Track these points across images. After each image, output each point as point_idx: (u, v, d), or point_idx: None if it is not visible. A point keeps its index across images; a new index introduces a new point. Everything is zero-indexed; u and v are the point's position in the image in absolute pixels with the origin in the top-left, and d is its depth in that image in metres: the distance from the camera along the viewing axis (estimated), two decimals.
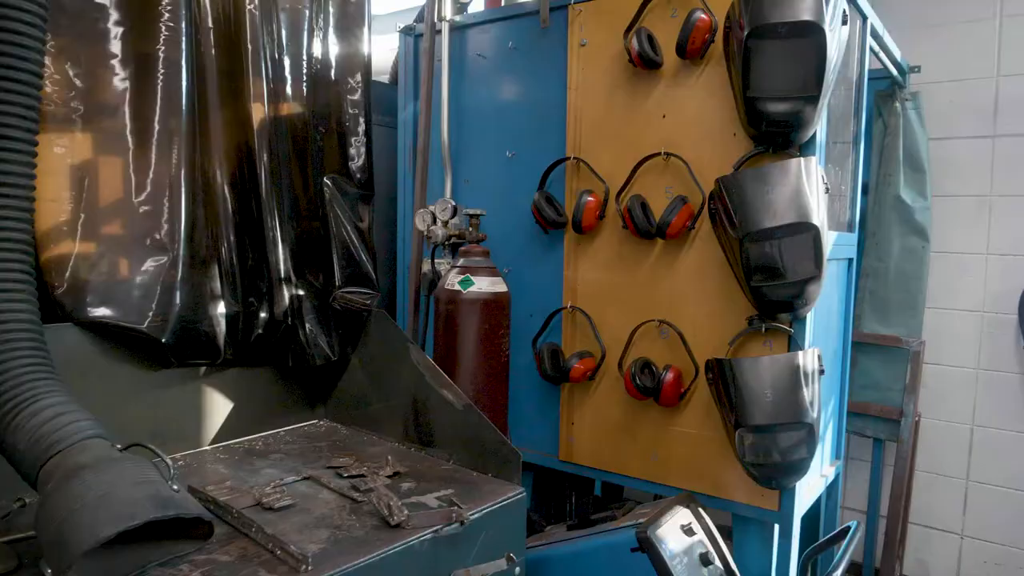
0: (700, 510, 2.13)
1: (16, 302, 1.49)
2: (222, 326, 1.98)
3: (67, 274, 1.75)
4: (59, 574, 1.20)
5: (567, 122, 2.46)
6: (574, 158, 2.43)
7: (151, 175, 1.86)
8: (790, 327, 2.07)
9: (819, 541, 2.24)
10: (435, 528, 1.55)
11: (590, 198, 2.34)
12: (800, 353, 1.97)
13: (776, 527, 2.20)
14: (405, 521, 1.55)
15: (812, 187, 1.92)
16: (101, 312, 1.76)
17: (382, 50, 3.46)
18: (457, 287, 2.29)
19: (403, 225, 2.99)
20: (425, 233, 2.50)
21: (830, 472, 2.67)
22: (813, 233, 1.90)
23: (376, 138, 2.40)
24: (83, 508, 1.21)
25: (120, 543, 1.30)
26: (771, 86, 1.92)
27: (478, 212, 2.39)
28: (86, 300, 1.76)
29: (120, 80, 1.84)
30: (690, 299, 2.24)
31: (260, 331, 2.06)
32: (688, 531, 2.03)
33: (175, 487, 1.36)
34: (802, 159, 1.93)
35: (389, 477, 1.82)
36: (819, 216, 1.92)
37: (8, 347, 1.43)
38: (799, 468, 2.03)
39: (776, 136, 2.00)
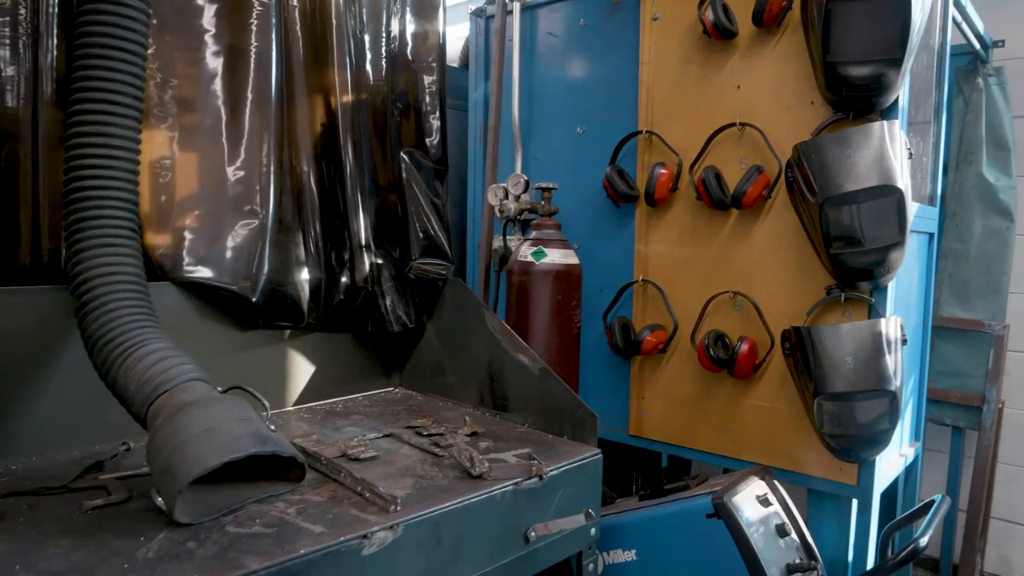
0: (775, 482, 2.11)
1: (124, 256, 1.58)
2: (305, 291, 2.05)
3: (167, 237, 1.84)
4: (169, 501, 1.27)
5: (639, 96, 2.47)
6: (646, 132, 2.43)
7: (244, 145, 1.95)
8: (870, 296, 2.03)
9: (900, 516, 2.18)
10: (515, 481, 1.58)
11: (663, 170, 2.34)
12: (882, 320, 1.93)
13: (854, 502, 2.15)
14: (486, 473, 1.59)
15: (895, 151, 1.88)
16: (197, 273, 1.86)
17: (451, 38, 3.53)
18: (530, 258, 2.32)
19: (473, 204, 3.04)
20: (497, 207, 2.54)
21: (909, 452, 2.60)
22: (897, 197, 1.86)
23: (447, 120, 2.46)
24: (191, 440, 1.28)
25: (219, 481, 1.37)
26: (852, 50, 1.89)
27: (550, 185, 2.41)
28: (183, 261, 1.85)
29: (214, 57, 1.93)
30: (765, 270, 2.21)
31: (341, 297, 2.13)
32: (764, 502, 2.01)
33: (272, 428, 1.42)
34: (885, 122, 1.90)
35: (467, 436, 1.86)
36: (903, 180, 1.88)
37: (117, 297, 1.52)
38: (880, 439, 1.99)
39: (857, 101, 1.97)
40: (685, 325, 2.37)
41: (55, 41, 1.70)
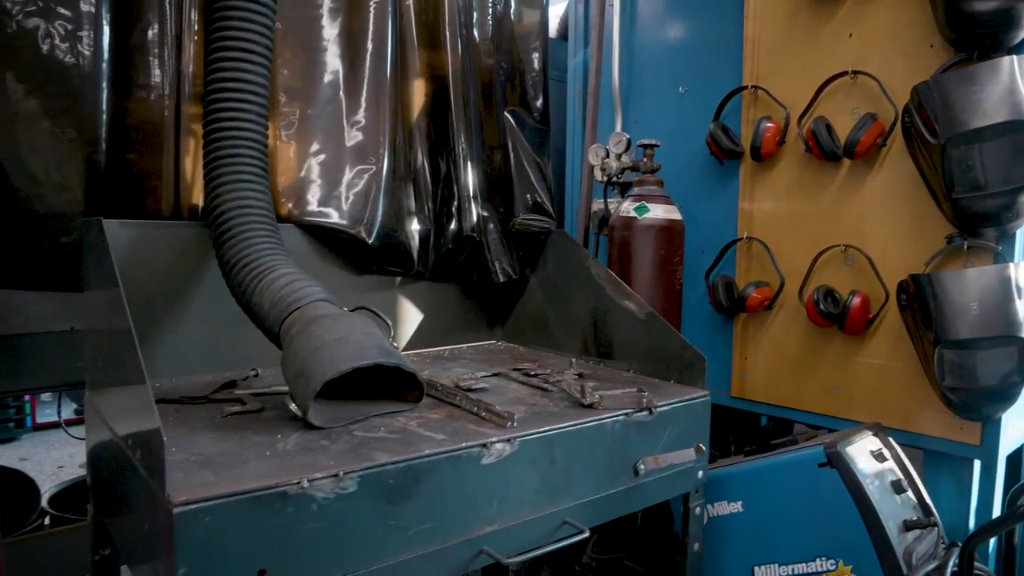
0: (890, 439, 2.04)
1: (256, 192, 1.69)
2: (415, 240, 2.13)
3: (290, 182, 1.95)
4: (303, 402, 1.35)
5: (744, 52, 2.44)
6: (752, 87, 2.40)
7: (363, 97, 2.04)
8: (996, 244, 1.93)
9: None
10: (625, 412, 1.59)
11: (769, 124, 2.30)
12: (1011, 265, 1.84)
13: (977, 464, 2.05)
14: (597, 402, 1.60)
15: None
16: (318, 216, 1.95)
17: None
18: (632, 213, 2.32)
19: (571, 172, 3.07)
20: (598, 167, 2.55)
21: None
22: None
23: None
24: (324, 346, 1.36)
25: (344, 398, 1.45)
26: None
27: (652, 142, 2.41)
28: (306, 204, 1.95)
29: (334, 13, 2.03)
30: (879, 222, 2.14)
31: (449, 246, 2.19)
32: (879, 457, 1.94)
33: (395, 345, 1.49)
34: (1015, 57, 1.81)
35: (575, 376, 1.88)
36: None
37: (252, 227, 1.63)
38: (1007, 394, 1.89)
39: (982, 39, 1.88)
40: (792, 282, 2.32)
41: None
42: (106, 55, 1.72)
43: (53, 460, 4.12)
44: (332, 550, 1.15)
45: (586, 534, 1.45)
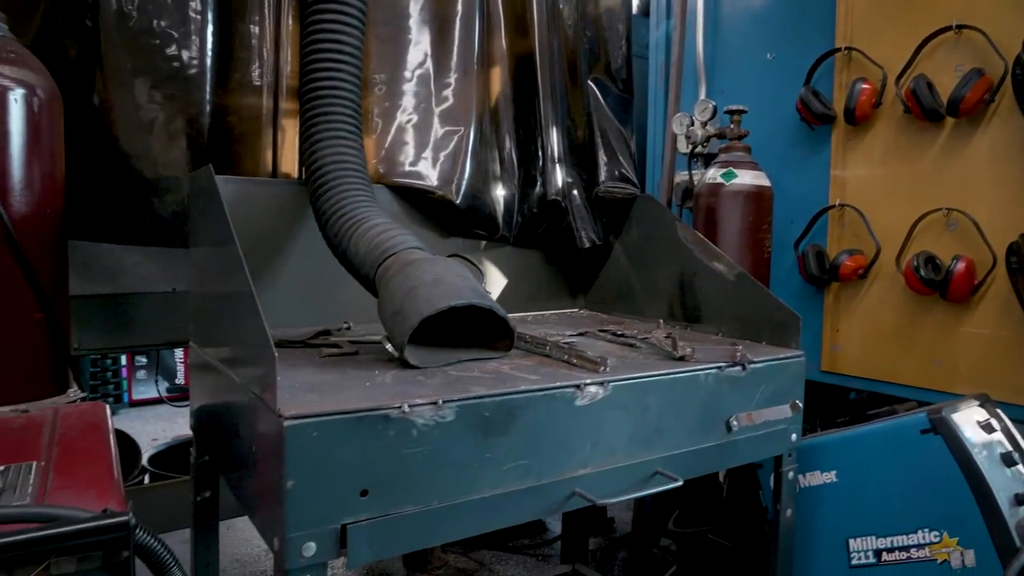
0: (998, 411, 1.93)
1: (351, 148, 1.74)
2: (500, 204, 2.14)
3: (382, 143, 2.00)
4: (399, 339, 1.37)
5: (837, 13, 2.36)
6: (845, 48, 2.32)
7: (452, 63, 2.08)
8: None
9: None
10: (718, 365, 1.56)
11: (865, 85, 2.22)
12: None
13: None
14: (689, 355, 1.58)
15: None
16: (408, 176, 1.99)
17: None
18: (719, 180, 2.28)
19: (652, 144, 3.04)
20: (683, 135, 2.51)
21: None
22: None
23: None
24: (420, 286, 1.38)
25: (436, 344, 1.46)
26: None
27: (740, 108, 2.36)
28: (396, 166, 1.99)
29: None
30: (986, 183, 2.03)
31: (534, 210, 2.20)
32: (987, 428, 1.84)
33: (487, 291, 1.50)
34: None
35: (664, 335, 1.85)
36: None
37: (347, 180, 1.68)
38: None
39: None
40: (888, 250, 2.23)
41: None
42: (210, 54, 1.84)
43: (148, 433, 4.36)
44: (430, 477, 1.16)
45: (680, 483, 1.42)
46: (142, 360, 5.27)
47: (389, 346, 1.42)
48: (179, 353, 5.40)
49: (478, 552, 3.22)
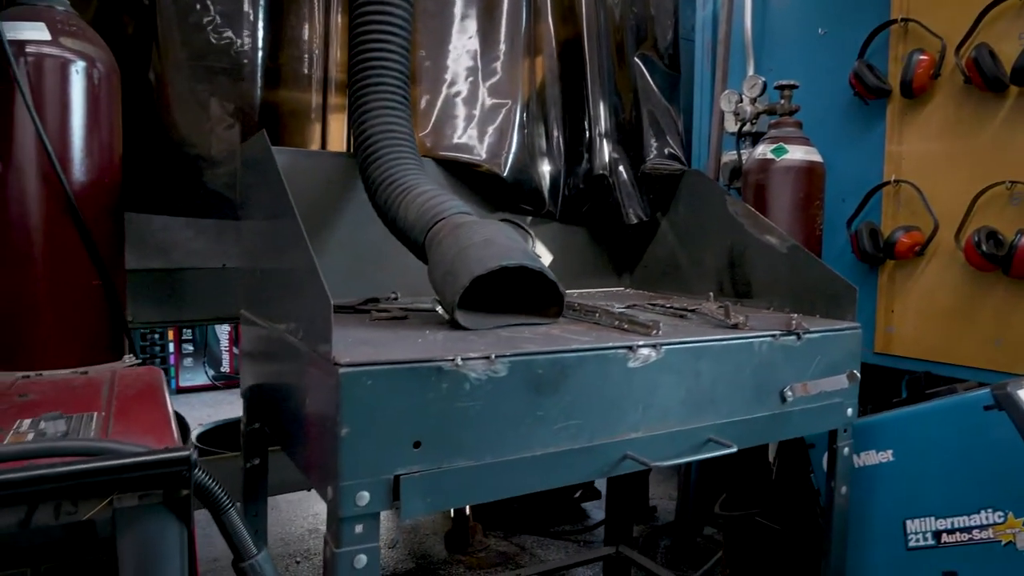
0: None
1: (400, 118, 1.74)
2: (546, 179, 2.13)
3: (431, 116, 2.00)
4: (451, 299, 1.37)
5: None
6: (902, 19, 2.25)
7: (501, 37, 2.07)
8: None
9: None
10: (772, 333, 1.52)
11: (922, 56, 2.15)
12: None
13: None
14: (742, 323, 1.54)
15: None
16: (455, 150, 1.99)
17: None
18: (769, 155, 2.23)
19: (699, 124, 2.99)
20: (731, 112, 2.47)
21: None
22: None
23: None
24: (471, 247, 1.37)
25: (485, 311, 1.46)
26: None
27: (790, 83, 2.31)
28: (443, 139, 2.00)
29: None
30: None
31: (580, 185, 2.18)
32: None
33: (538, 254, 1.49)
34: None
35: (717, 306, 1.82)
36: None
37: (396, 149, 1.68)
38: None
39: None
40: (947, 226, 2.16)
41: None
42: (260, 50, 1.89)
43: (195, 418, 4.46)
44: (483, 432, 1.16)
45: (733, 449, 1.39)
46: (189, 348, 5.39)
47: (440, 308, 1.42)
48: (224, 341, 5.50)
49: (519, 537, 3.21)
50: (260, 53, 1.91)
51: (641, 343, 1.32)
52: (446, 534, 3.11)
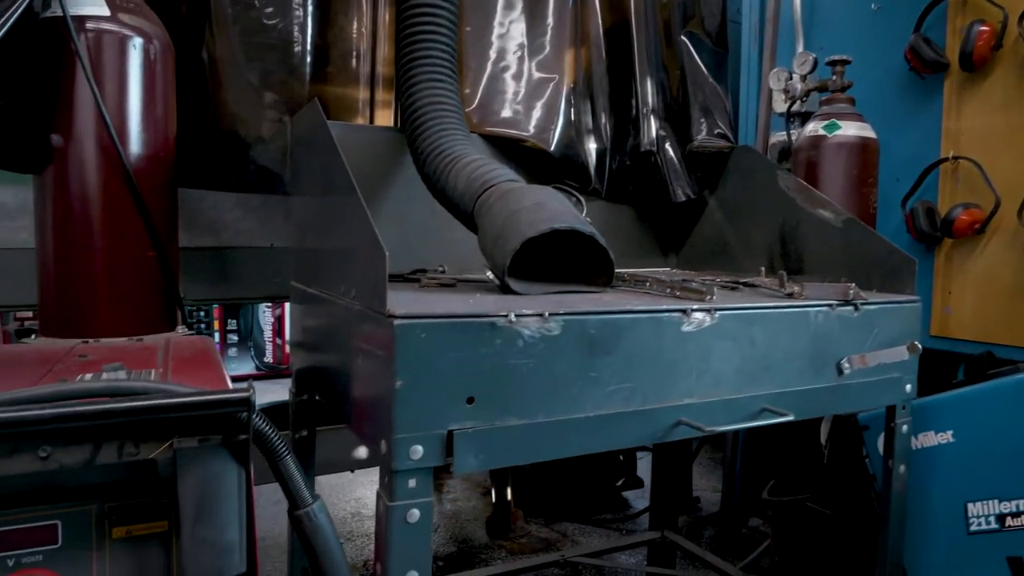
0: None
1: (448, 90, 1.74)
2: (592, 156, 2.11)
3: (477, 93, 2.00)
4: (502, 261, 1.35)
5: None
6: None
7: (549, 10, 2.06)
8: None
9: None
10: (829, 303, 1.48)
11: (983, 27, 2.08)
12: None
13: None
14: (798, 292, 1.51)
15: None
16: (502, 125, 1.99)
17: None
18: (821, 132, 2.18)
19: (746, 106, 2.95)
20: (781, 90, 2.42)
21: None
22: None
23: None
24: (521, 210, 1.36)
25: (534, 278, 1.44)
26: None
27: (843, 58, 2.25)
28: (490, 114, 1.99)
29: None
30: None
31: (627, 161, 2.16)
32: None
33: (588, 220, 1.47)
34: None
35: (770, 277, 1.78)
36: None
37: (445, 119, 1.68)
38: None
39: None
40: (1009, 203, 2.08)
41: None
42: (310, 34, 1.90)
43: None
44: (536, 391, 1.14)
45: (790, 417, 1.36)
46: (233, 338, 5.48)
47: (490, 274, 1.41)
48: (268, 332, 5.59)
49: (560, 524, 3.19)
50: (309, 36, 1.92)
51: (695, 307, 1.30)
52: (487, 519, 3.10)
